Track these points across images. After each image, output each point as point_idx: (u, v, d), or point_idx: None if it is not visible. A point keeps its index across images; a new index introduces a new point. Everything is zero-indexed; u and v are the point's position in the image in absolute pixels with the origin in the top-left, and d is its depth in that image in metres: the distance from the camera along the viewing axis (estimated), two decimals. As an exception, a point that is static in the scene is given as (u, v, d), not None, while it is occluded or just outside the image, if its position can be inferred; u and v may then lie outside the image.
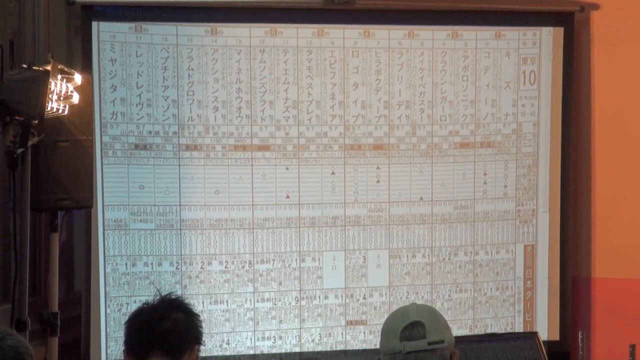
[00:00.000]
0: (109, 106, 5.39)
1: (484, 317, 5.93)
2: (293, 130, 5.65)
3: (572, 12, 6.01)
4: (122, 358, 3.10)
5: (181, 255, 5.51)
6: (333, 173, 5.71)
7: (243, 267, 5.59)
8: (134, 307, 4.64)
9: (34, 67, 4.21)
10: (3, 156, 4.29)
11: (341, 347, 5.72)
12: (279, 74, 5.63)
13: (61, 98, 4.45)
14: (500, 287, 5.96)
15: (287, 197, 5.66)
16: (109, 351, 5.39)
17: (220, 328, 5.57)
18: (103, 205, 5.37)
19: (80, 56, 5.42)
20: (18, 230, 4.35)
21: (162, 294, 3.10)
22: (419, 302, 5.28)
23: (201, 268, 5.54)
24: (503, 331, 5.82)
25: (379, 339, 2.66)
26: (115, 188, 5.41)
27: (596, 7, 6.08)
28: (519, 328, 5.95)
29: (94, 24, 5.36)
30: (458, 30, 5.84)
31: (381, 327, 2.67)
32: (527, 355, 4.63)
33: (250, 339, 5.61)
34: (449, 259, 5.87)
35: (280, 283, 5.65)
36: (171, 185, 5.49)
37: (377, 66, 5.74)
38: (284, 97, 5.64)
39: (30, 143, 4.25)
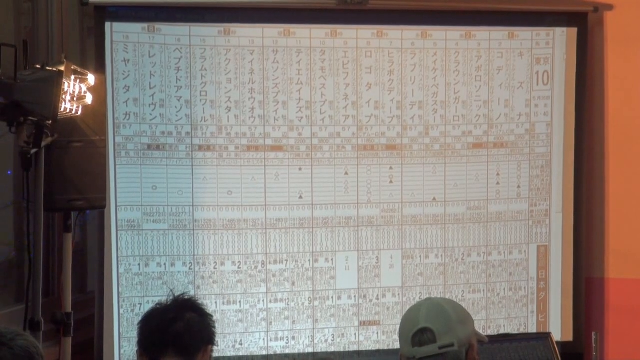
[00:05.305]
0: (122, 106, 5.40)
1: (497, 318, 5.91)
2: (306, 130, 5.65)
3: (586, 13, 5.99)
4: (135, 358, 3.11)
5: (194, 255, 5.51)
6: (346, 173, 5.71)
7: (256, 267, 5.59)
8: (147, 307, 4.65)
9: (48, 68, 4.20)
10: (17, 156, 4.29)
11: (354, 348, 5.70)
12: (292, 74, 5.63)
13: (74, 98, 4.45)
14: (513, 288, 5.95)
15: (300, 197, 5.66)
16: (122, 351, 5.40)
17: (233, 328, 5.57)
18: (116, 206, 5.38)
19: (93, 57, 5.43)
20: (32, 230, 4.36)
21: (175, 295, 3.11)
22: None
23: (214, 268, 5.54)
24: (516, 332, 5.80)
25: (392, 340, 2.68)
26: (128, 188, 5.42)
27: (610, 7, 6.06)
28: (532, 329, 5.94)
29: (107, 24, 5.36)
30: (471, 30, 5.83)
31: (394, 327, 2.69)
32: (540, 356, 4.61)
33: (263, 339, 5.61)
34: (462, 259, 5.86)
35: (293, 283, 5.65)
36: (184, 185, 5.49)
37: (390, 66, 5.74)
38: (297, 98, 5.64)
39: (43, 143, 4.24)
